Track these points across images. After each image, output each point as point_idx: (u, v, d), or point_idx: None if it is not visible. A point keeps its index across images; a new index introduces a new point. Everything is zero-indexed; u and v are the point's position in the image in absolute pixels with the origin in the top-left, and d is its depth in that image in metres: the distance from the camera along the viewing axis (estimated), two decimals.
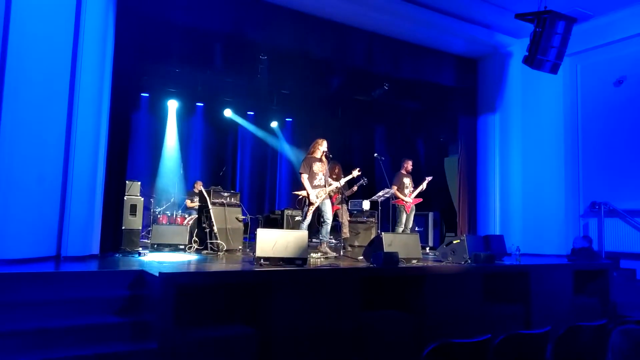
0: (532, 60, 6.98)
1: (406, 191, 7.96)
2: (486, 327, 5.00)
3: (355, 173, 6.76)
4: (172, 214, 8.80)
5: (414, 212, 8.09)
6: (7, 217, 4.63)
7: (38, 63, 4.91)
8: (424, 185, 8.06)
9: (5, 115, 4.69)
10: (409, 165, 8.23)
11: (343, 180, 6.80)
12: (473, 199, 9.36)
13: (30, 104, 4.84)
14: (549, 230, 8.57)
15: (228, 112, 11.81)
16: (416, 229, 8.98)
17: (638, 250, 7.69)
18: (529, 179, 8.85)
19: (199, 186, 9.15)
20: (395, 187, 7.84)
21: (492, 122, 9.25)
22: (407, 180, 8.07)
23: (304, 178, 6.36)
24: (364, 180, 7.63)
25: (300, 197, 6.50)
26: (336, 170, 7.89)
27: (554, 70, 7.16)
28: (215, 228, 6.67)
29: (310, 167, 6.42)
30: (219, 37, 7.77)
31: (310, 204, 6.33)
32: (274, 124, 12.63)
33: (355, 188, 8.23)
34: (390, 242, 5.43)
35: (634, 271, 7.67)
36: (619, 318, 6.05)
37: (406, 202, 7.88)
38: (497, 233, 8.36)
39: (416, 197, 8.04)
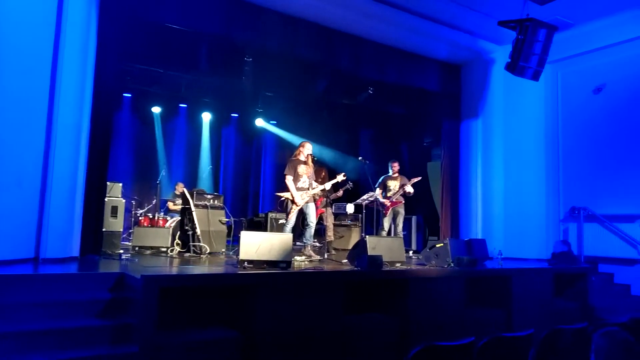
0: (514, 66, 7.09)
1: (389, 194, 7.95)
2: (468, 330, 5.05)
3: (340, 178, 6.77)
4: (153, 216, 8.68)
5: (400, 215, 7.96)
6: None
7: (17, 63, 4.80)
8: (406, 188, 7.85)
9: None
10: (393, 167, 8.19)
11: (328, 184, 6.79)
12: (455, 204, 9.44)
13: (8, 104, 4.72)
14: (530, 234, 8.69)
15: (206, 116, 11.74)
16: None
17: (616, 255, 7.83)
18: (510, 183, 8.97)
19: (181, 188, 9.05)
20: (378, 190, 7.86)
21: (475, 127, 9.36)
22: (392, 183, 8.04)
23: (289, 180, 6.35)
24: (349, 185, 7.63)
25: (283, 199, 6.47)
26: (322, 175, 7.87)
27: (535, 77, 7.28)
28: (198, 230, 6.60)
29: (295, 169, 6.41)
30: (204, 38, 7.72)
31: (295, 205, 6.31)
32: (260, 122, 12.52)
33: (340, 193, 8.22)
34: (374, 245, 5.44)
35: (611, 275, 7.81)
36: (598, 321, 6.16)
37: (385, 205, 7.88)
38: (480, 237, 8.44)
39: (400, 197, 7.97)
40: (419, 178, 8.02)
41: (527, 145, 8.92)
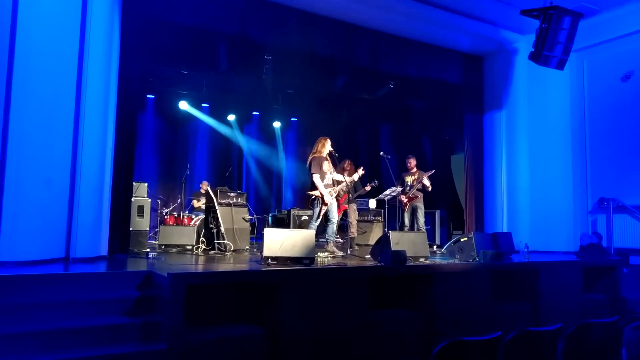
0: (538, 56, 6.95)
1: (407, 189, 7.91)
2: (495, 324, 4.97)
3: (357, 175, 6.86)
4: (179, 215, 8.81)
5: (420, 209, 7.90)
6: (16, 219, 4.66)
7: (44, 67, 4.94)
8: (423, 181, 7.78)
9: (13, 120, 4.73)
10: (409, 163, 8.14)
11: (356, 176, 6.84)
12: (480, 197, 9.32)
13: (37, 108, 4.86)
14: (557, 227, 8.53)
15: (228, 115, 11.88)
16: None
17: None
18: (536, 175, 8.81)
19: (205, 186, 9.16)
20: (399, 187, 7.84)
21: (499, 119, 9.21)
22: (409, 179, 8.01)
23: (317, 178, 6.31)
24: (374, 183, 7.59)
25: (314, 197, 6.46)
26: (346, 166, 7.90)
27: (560, 66, 7.12)
28: (222, 228, 6.67)
29: (320, 167, 6.40)
30: (224, 37, 7.78)
31: (324, 204, 6.31)
32: (277, 124, 12.62)
33: (368, 187, 8.19)
34: (398, 240, 5.41)
35: None
36: (630, 314, 6.01)
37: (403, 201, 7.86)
38: (505, 230, 8.32)
39: (417, 192, 7.90)
40: (433, 171, 7.94)
41: (553, 136, 8.74)
